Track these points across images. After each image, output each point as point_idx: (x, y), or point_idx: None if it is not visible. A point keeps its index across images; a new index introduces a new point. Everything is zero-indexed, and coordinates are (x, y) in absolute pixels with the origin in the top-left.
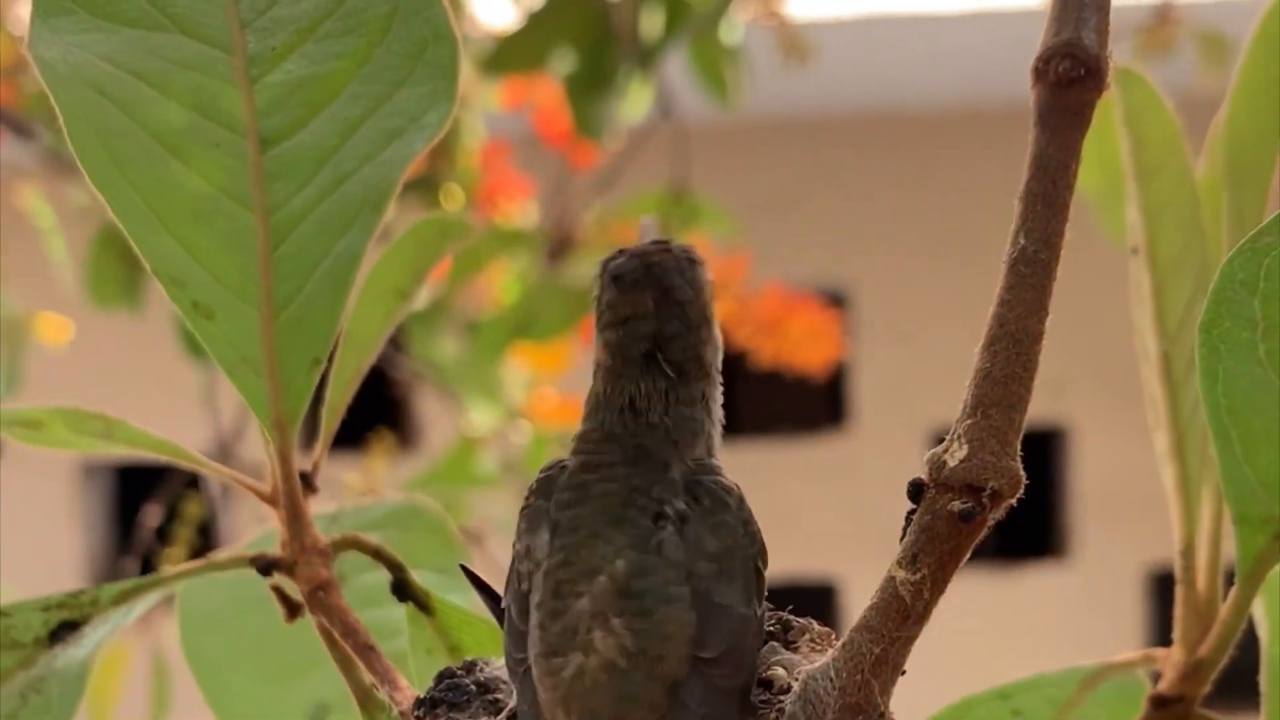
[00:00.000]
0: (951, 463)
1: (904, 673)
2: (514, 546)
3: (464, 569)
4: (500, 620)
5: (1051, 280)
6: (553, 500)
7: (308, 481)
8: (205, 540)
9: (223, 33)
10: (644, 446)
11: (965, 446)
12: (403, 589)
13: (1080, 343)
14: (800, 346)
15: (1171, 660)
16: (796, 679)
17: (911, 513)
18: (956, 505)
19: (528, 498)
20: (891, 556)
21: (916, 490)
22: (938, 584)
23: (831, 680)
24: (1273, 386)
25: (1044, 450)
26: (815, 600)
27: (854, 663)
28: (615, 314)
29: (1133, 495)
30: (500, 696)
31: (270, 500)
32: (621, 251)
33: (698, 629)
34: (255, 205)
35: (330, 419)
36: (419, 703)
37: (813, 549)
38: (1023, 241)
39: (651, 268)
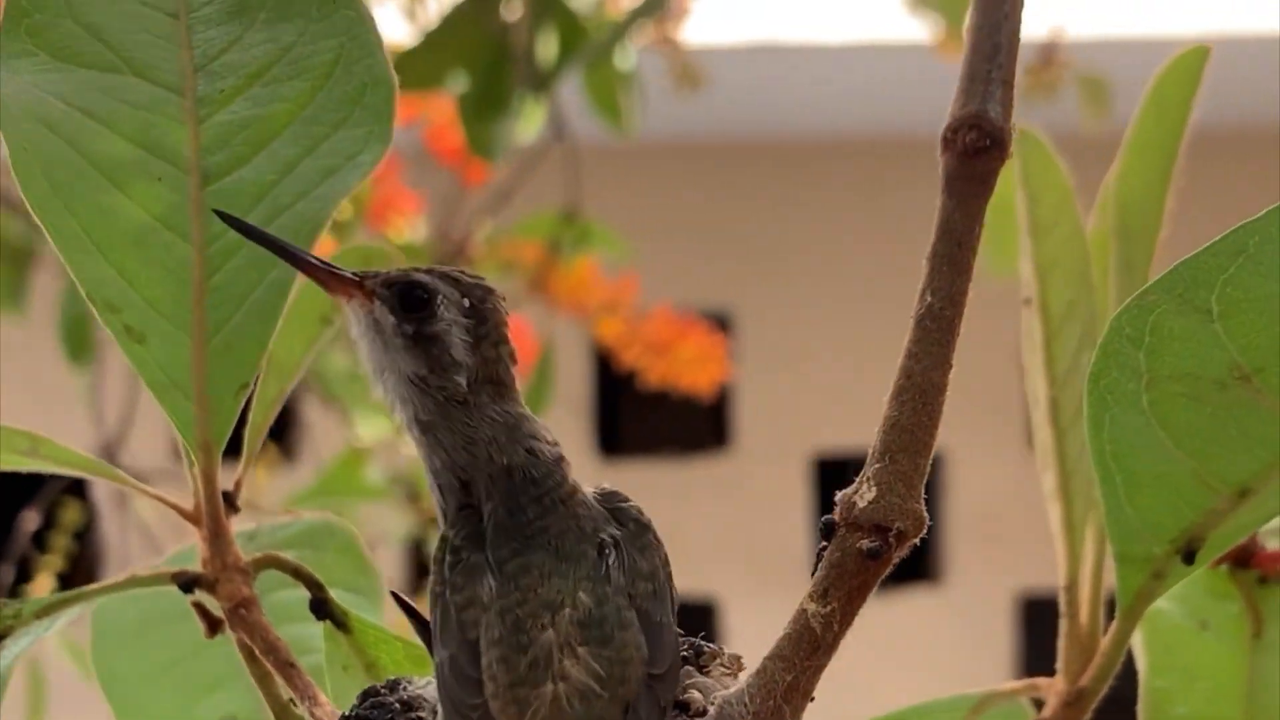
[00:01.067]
0: (861, 504)
1: (812, 699)
2: (445, 598)
3: (395, 596)
4: (429, 646)
5: (955, 336)
6: (489, 551)
7: (229, 501)
8: (82, 548)
9: (175, 76)
10: (536, 481)
11: (874, 489)
12: (321, 607)
13: (957, 373)
14: (687, 368)
15: (1055, 689)
16: (711, 703)
17: (822, 549)
18: (865, 544)
19: (453, 554)
20: (770, 577)
21: (828, 528)
22: (846, 616)
23: (746, 705)
24: (1154, 434)
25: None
26: (696, 619)
27: (767, 689)
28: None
29: (1005, 523)
30: (424, 716)
31: (193, 519)
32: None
33: (648, 649)
34: (193, 237)
35: (254, 440)
36: (345, 718)
37: (694, 568)
38: (929, 299)
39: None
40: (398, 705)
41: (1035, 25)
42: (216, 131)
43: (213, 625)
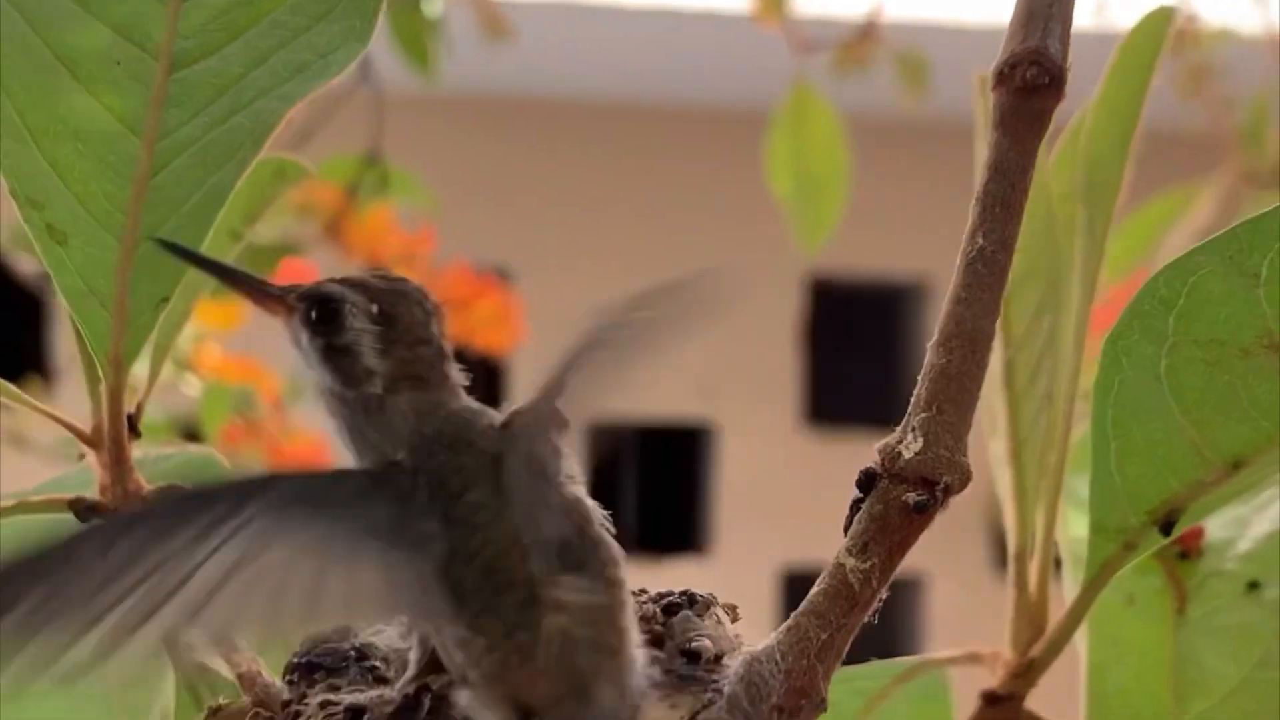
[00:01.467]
0: (907, 454)
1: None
2: None
3: None
4: None
5: (1005, 281)
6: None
7: (131, 424)
8: None
9: None
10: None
11: (920, 440)
12: None
13: (729, 348)
14: (483, 327)
15: (1003, 660)
16: (725, 653)
17: (858, 501)
18: (911, 497)
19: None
20: None
21: (868, 480)
22: (885, 573)
23: (777, 663)
24: (1163, 401)
25: (690, 448)
26: None
27: (800, 647)
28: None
29: (771, 497)
30: (377, 665)
31: (92, 442)
32: None
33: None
34: (145, 130)
35: (158, 361)
36: (292, 667)
37: None
38: (981, 241)
39: None
40: (353, 653)
41: (854, 3)
42: (199, 15)
43: None
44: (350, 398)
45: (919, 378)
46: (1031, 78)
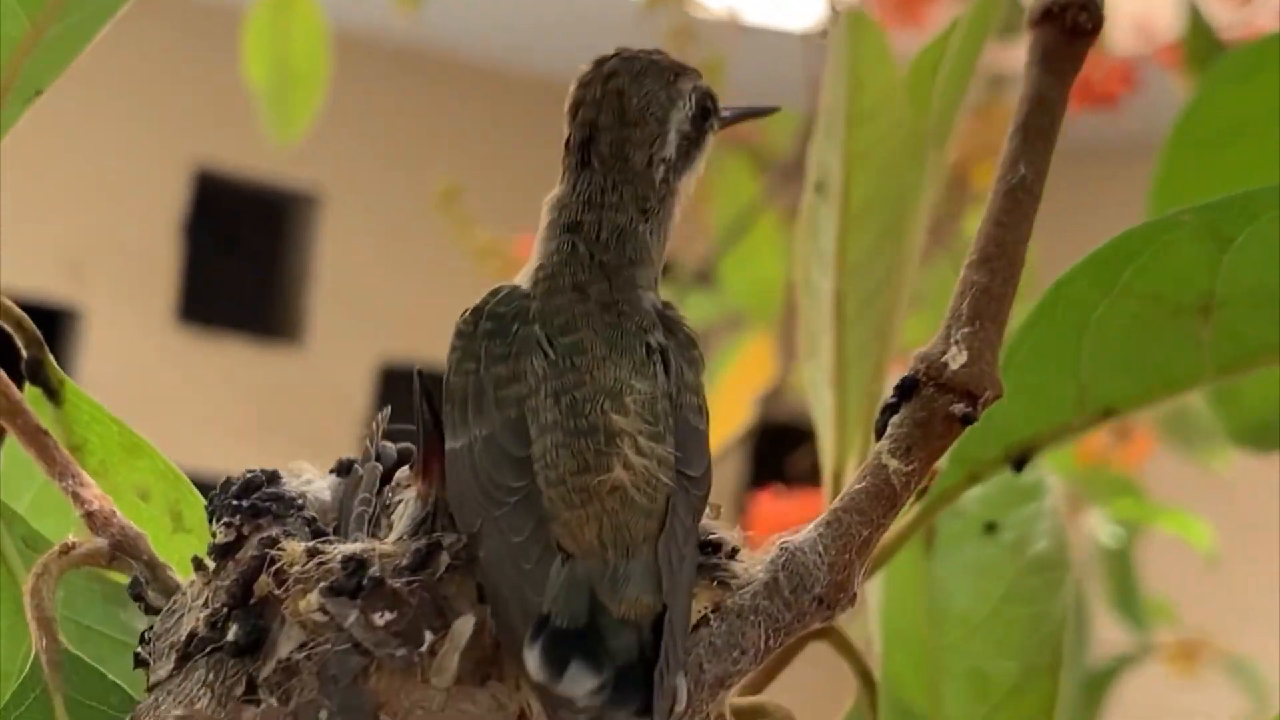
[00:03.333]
0: (953, 366)
1: None
2: (479, 372)
3: (419, 374)
4: (424, 438)
5: (1037, 208)
6: (537, 325)
7: None
8: None
9: None
10: (606, 265)
11: (965, 353)
12: (38, 369)
13: (102, 230)
14: None
15: None
16: (739, 548)
17: (892, 404)
18: (959, 408)
19: (491, 321)
20: None
21: (910, 387)
22: (923, 477)
23: (820, 555)
24: (1076, 345)
25: (54, 331)
26: None
27: (842, 542)
28: (572, 102)
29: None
30: (313, 515)
31: None
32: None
33: (682, 450)
34: None
35: None
36: (234, 509)
37: None
38: (1022, 170)
39: (622, 65)
40: (298, 500)
41: None
42: None
43: None
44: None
45: (957, 293)
46: (1081, 22)
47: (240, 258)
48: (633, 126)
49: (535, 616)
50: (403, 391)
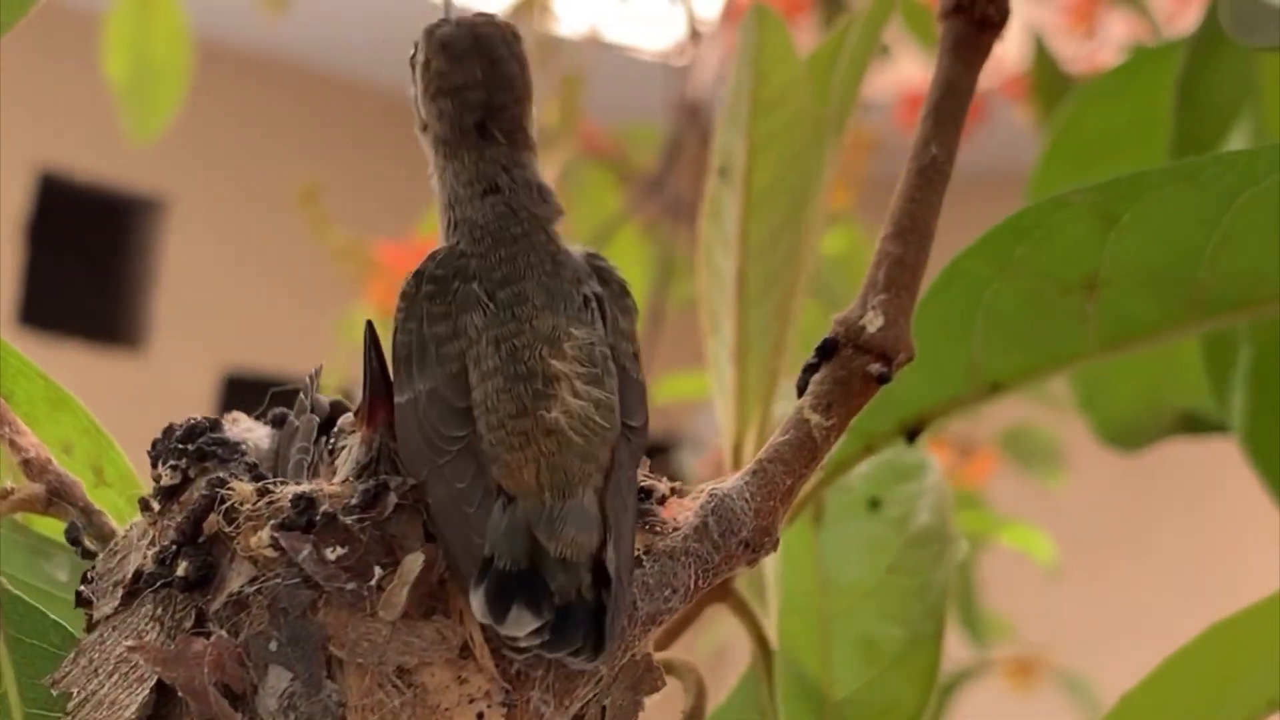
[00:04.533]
0: (870, 329)
1: None
2: (421, 330)
3: (370, 326)
4: (369, 385)
5: (946, 186)
6: (476, 283)
7: None
8: None
9: None
10: (538, 218)
11: (881, 318)
12: None
13: None
14: None
15: None
16: (667, 495)
17: (812, 364)
18: (875, 368)
19: (432, 284)
20: None
21: (830, 348)
22: (840, 431)
23: (747, 501)
24: (968, 321)
25: None
26: None
27: (767, 489)
28: (446, 82)
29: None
30: (254, 461)
31: None
32: (446, 20)
33: (622, 400)
34: None
35: None
36: (179, 452)
37: None
38: (933, 150)
39: (480, 38)
40: (242, 445)
41: None
42: None
43: None
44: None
45: (873, 263)
46: (989, 15)
47: (82, 262)
48: (524, 101)
49: (479, 559)
50: (245, 399)
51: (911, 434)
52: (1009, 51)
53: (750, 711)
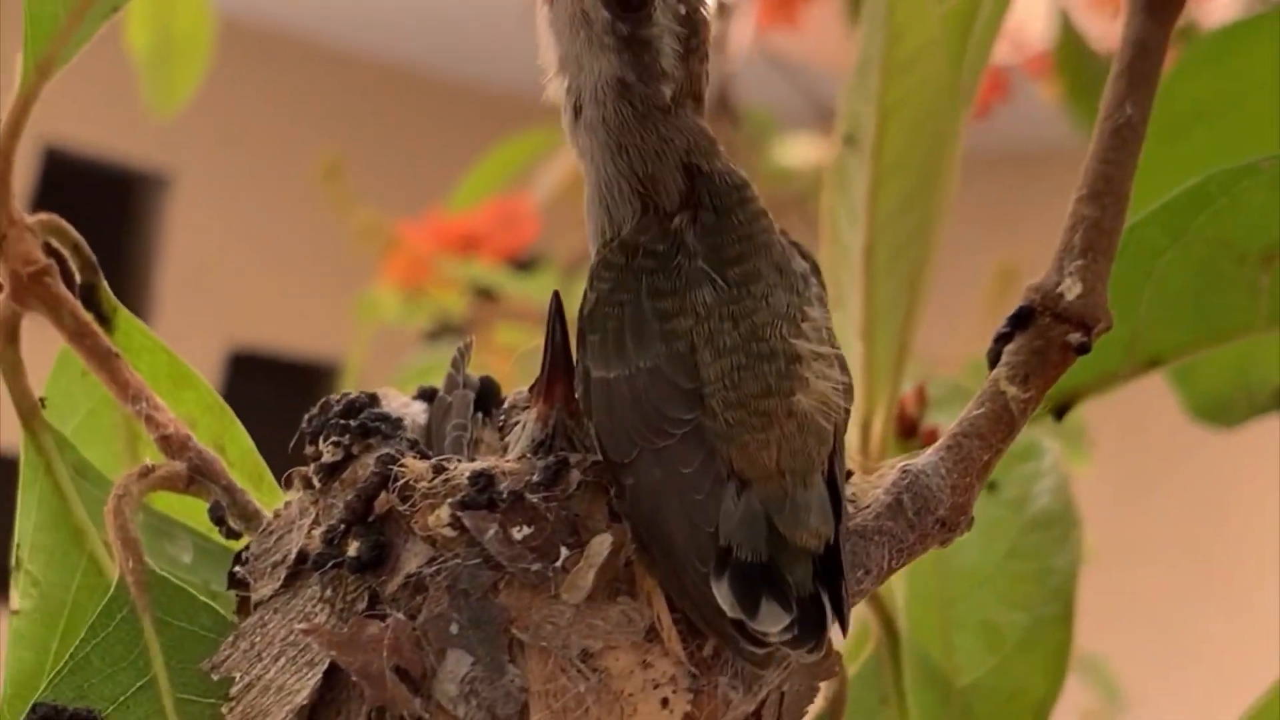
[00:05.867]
0: (1069, 297)
1: None
2: (638, 304)
3: (556, 297)
4: (549, 360)
5: (1141, 147)
6: (700, 259)
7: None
8: None
9: None
10: (738, 193)
11: (1079, 285)
12: (91, 295)
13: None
14: None
15: None
16: (852, 472)
17: (1004, 335)
18: (1075, 338)
19: (649, 258)
20: None
21: (1025, 316)
22: (1037, 403)
23: (943, 478)
24: (1136, 294)
25: None
26: None
27: (964, 465)
28: (706, 43)
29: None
30: (415, 438)
31: None
32: None
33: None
34: None
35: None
36: (342, 428)
37: None
38: (1128, 110)
39: None
40: (405, 421)
41: None
42: None
43: None
44: (638, 92)
45: (1068, 227)
46: None
47: (87, 236)
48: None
49: (713, 549)
50: (250, 376)
51: (1060, 411)
52: (1033, 28)
53: (872, 697)
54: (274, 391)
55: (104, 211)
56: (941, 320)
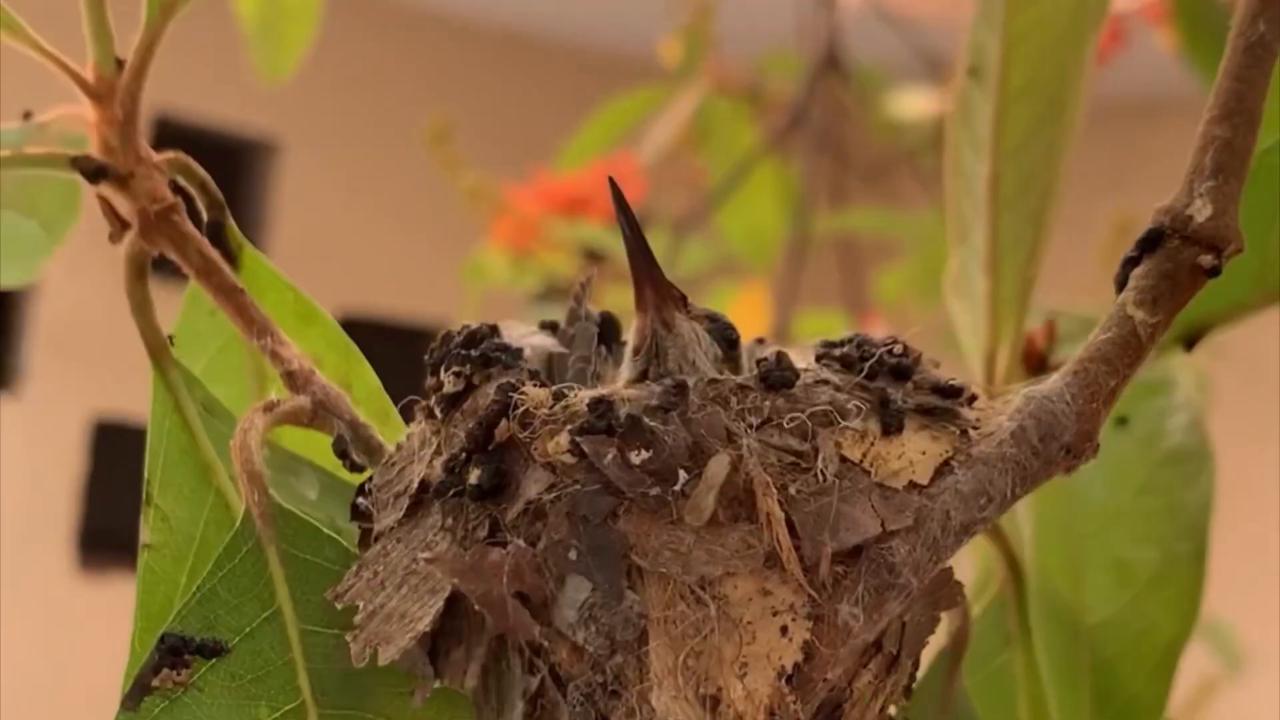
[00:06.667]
0: (1199, 219)
1: None
2: None
3: (612, 183)
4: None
5: (1273, 64)
6: None
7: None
8: None
9: None
10: None
11: (1210, 206)
12: (218, 231)
13: None
14: None
15: None
16: (976, 395)
17: (1134, 259)
18: (1207, 260)
19: None
20: None
21: (1156, 238)
22: (1165, 328)
23: (1068, 404)
24: (1266, 224)
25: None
26: None
27: (1090, 390)
28: None
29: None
30: (536, 369)
31: (95, 93)
32: None
33: None
34: None
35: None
36: (462, 358)
37: None
38: (1262, 28)
39: None
40: (527, 351)
41: None
42: None
43: (123, 227)
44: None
45: (1198, 148)
46: None
47: None
48: None
49: None
50: (360, 340)
51: (1190, 342)
52: None
53: (995, 639)
54: (384, 355)
55: (215, 180)
56: (1056, 273)
